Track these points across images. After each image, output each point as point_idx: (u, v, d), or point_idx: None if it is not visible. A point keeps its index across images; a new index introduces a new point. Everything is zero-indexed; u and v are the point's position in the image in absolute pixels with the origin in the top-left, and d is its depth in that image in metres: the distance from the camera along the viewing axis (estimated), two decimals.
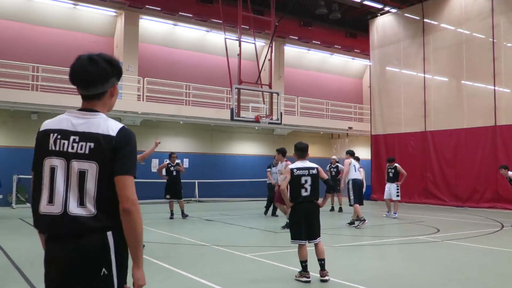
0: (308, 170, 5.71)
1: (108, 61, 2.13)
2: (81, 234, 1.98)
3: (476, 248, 8.24)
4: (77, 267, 1.97)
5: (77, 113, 2.11)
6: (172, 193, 12.74)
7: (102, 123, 2.07)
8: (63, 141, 2.05)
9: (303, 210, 5.64)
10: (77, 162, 2.02)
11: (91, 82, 2.09)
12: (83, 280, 1.98)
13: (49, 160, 2.07)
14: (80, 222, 1.98)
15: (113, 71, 2.15)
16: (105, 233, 2.02)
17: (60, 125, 2.09)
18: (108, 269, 2.01)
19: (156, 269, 6.14)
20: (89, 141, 2.03)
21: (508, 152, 16.27)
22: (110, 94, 2.19)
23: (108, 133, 2.05)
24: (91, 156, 2.01)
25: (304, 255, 5.53)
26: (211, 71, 21.19)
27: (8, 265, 6.31)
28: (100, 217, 2.00)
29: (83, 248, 1.98)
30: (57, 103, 15.93)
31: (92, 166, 2.01)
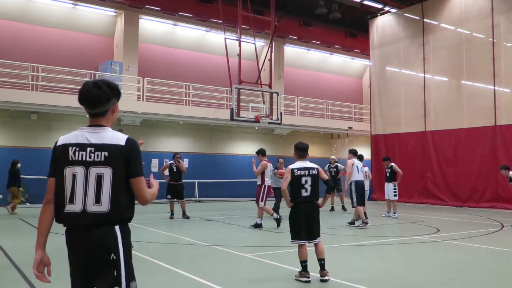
0: (309, 170, 5.71)
1: (108, 85, 2.60)
2: (95, 226, 2.45)
3: (476, 248, 8.24)
4: (92, 253, 2.44)
5: (88, 129, 2.61)
6: (173, 193, 12.73)
7: (110, 136, 2.55)
8: (81, 152, 2.50)
9: (303, 210, 5.64)
10: (95, 168, 2.47)
11: (96, 103, 2.58)
12: (96, 263, 2.45)
13: (70, 168, 2.49)
14: (95, 217, 2.45)
15: (113, 93, 2.62)
16: (113, 227, 2.49)
17: (77, 140, 2.55)
18: (116, 255, 2.47)
19: (156, 269, 6.14)
20: (103, 151, 2.49)
21: (508, 152, 16.27)
22: (111, 111, 2.67)
23: (118, 143, 2.52)
24: (106, 163, 2.48)
25: (304, 255, 5.54)
26: (211, 71, 21.19)
27: (8, 265, 6.31)
28: (112, 213, 2.47)
29: (96, 238, 2.44)
30: (56, 103, 15.93)
31: (107, 171, 2.47)
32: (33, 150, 16.89)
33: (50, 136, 17.30)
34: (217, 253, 7.47)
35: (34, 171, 16.13)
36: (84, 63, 18.33)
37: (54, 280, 5.51)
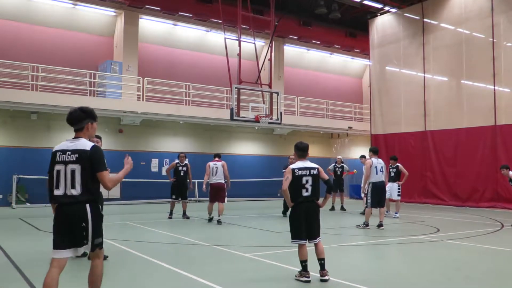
0: (309, 170, 5.70)
1: (82, 110, 4.00)
2: (73, 203, 3.80)
3: (476, 248, 8.24)
4: (70, 221, 3.79)
5: (71, 140, 3.95)
6: (178, 193, 12.72)
7: (81, 144, 3.89)
8: (63, 155, 3.86)
9: (304, 210, 5.64)
10: (70, 165, 3.83)
11: (73, 122, 3.98)
12: (73, 228, 3.79)
13: (57, 166, 3.87)
14: (72, 197, 3.80)
15: (86, 115, 3.99)
16: (85, 204, 3.82)
17: (61, 147, 3.91)
18: (86, 223, 3.80)
19: (156, 269, 6.14)
20: (75, 154, 3.84)
21: (508, 152, 16.27)
22: (86, 128, 4.01)
23: (85, 148, 3.85)
24: (76, 161, 3.82)
25: (304, 254, 5.53)
26: (210, 71, 21.18)
27: (8, 265, 6.31)
28: (83, 194, 3.81)
29: (74, 211, 3.80)
30: (56, 103, 15.93)
31: (78, 167, 3.82)
32: (33, 150, 16.89)
33: (50, 136, 17.30)
34: (217, 253, 7.47)
35: (34, 171, 16.13)
36: (84, 63, 18.32)
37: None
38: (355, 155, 23.79)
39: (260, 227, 11.10)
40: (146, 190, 18.16)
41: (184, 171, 12.84)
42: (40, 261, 6.38)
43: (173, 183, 12.75)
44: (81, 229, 3.78)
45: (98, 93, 17.74)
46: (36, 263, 6.37)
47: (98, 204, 3.94)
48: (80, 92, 17.09)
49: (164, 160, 18.84)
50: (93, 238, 3.85)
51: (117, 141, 18.61)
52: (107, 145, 18.44)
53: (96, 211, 3.88)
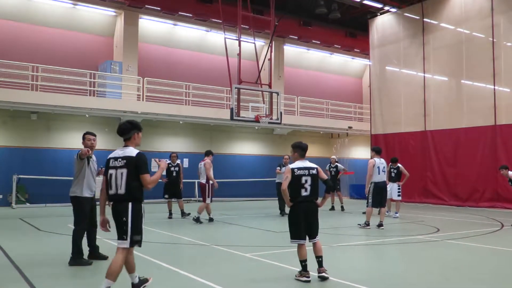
0: (308, 170, 5.71)
1: (129, 122, 4.77)
2: (120, 201, 4.55)
3: (475, 248, 8.25)
4: (118, 214, 4.55)
5: (121, 148, 4.70)
6: (171, 193, 12.78)
7: (129, 151, 4.61)
8: (115, 161, 4.60)
9: (303, 210, 5.65)
10: (120, 169, 4.54)
11: (122, 133, 4.74)
12: (118, 219, 4.54)
13: (110, 170, 4.60)
14: (120, 196, 4.55)
15: (132, 127, 4.73)
16: (128, 203, 4.53)
17: (114, 155, 4.67)
18: (126, 218, 4.50)
19: (156, 269, 6.15)
20: (124, 159, 4.56)
21: (508, 152, 16.27)
22: (133, 138, 4.75)
23: (131, 155, 4.57)
24: (124, 166, 4.53)
25: (303, 254, 5.54)
26: (210, 71, 21.18)
27: (8, 265, 6.31)
28: (127, 194, 4.52)
29: (119, 208, 4.56)
30: (56, 103, 15.94)
31: (125, 170, 4.52)
32: (33, 150, 16.89)
33: (50, 136, 17.31)
34: (217, 253, 7.47)
35: (34, 171, 16.15)
36: (84, 63, 18.32)
37: (54, 280, 5.54)
38: (355, 155, 23.85)
39: (260, 227, 11.10)
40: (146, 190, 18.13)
41: (176, 171, 12.88)
42: (40, 261, 6.39)
43: (165, 183, 12.79)
44: (122, 223, 4.48)
45: (98, 93, 17.74)
46: (36, 263, 6.38)
47: (141, 204, 4.59)
48: (80, 92, 17.09)
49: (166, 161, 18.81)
50: (132, 234, 4.48)
51: (117, 141, 18.50)
52: (107, 145, 18.46)
53: (136, 209, 4.53)
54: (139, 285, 4.85)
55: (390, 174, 13.36)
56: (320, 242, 5.71)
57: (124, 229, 4.47)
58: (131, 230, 4.47)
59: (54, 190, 15.73)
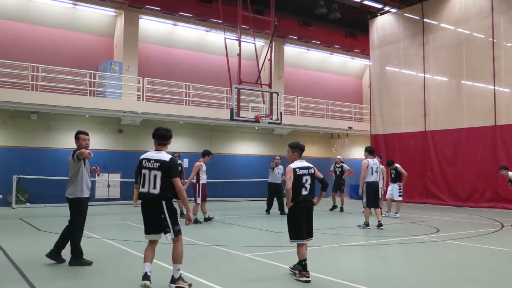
0: (308, 170, 5.79)
1: (169, 130, 5.29)
2: (153, 200, 5.01)
3: (476, 248, 8.24)
4: (153, 213, 5.04)
5: (154, 152, 5.18)
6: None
7: (163, 156, 5.11)
8: (148, 162, 5.07)
9: (304, 209, 5.71)
10: (153, 171, 5.01)
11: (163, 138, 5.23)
12: (155, 218, 5.03)
13: (143, 170, 5.06)
14: (153, 195, 5.00)
15: (170, 136, 5.27)
16: (162, 201, 5.01)
17: (147, 156, 5.13)
18: (164, 215, 5.02)
19: (156, 269, 6.14)
20: (157, 163, 5.03)
21: (508, 152, 16.27)
22: (168, 144, 5.28)
23: (165, 159, 5.05)
24: (158, 168, 5.01)
25: (303, 253, 5.56)
26: (211, 71, 21.18)
27: (8, 265, 6.31)
28: (161, 194, 4.98)
29: (154, 206, 5.02)
30: (56, 103, 15.93)
31: (158, 173, 5.00)
32: (33, 150, 16.89)
33: (50, 136, 17.31)
34: (217, 253, 7.47)
35: (34, 171, 16.15)
36: (84, 63, 18.32)
37: (54, 280, 5.53)
38: (355, 155, 23.83)
39: (260, 227, 11.11)
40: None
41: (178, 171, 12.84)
42: (40, 261, 6.38)
43: None
44: (161, 220, 5.05)
45: (98, 93, 17.74)
46: (36, 263, 6.37)
47: (172, 202, 5.12)
48: (80, 92, 17.09)
49: None
50: (172, 226, 5.12)
51: (117, 141, 18.61)
52: (107, 145, 18.49)
53: (170, 206, 5.09)
54: (175, 281, 5.15)
55: (390, 175, 13.39)
56: None
57: (165, 224, 5.03)
58: (170, 223, 5.05)
59: (54, 190, 15.72)
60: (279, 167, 14.35)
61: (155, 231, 5.11)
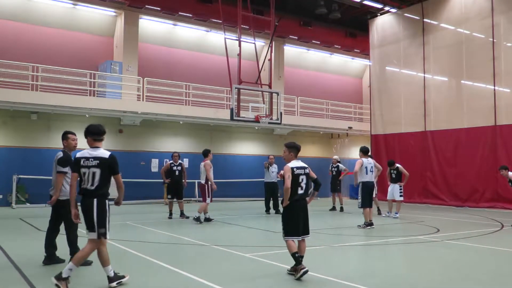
0: (303, 169, 5.94)
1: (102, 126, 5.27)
2: (88, 196, 5.02)
3: (476, 248, 8.24)
4: (86, 209, 5.02)
5: (91, 149, 5.12)
6: (173, 193, 12.78)
7: (102, 152, 5.09)
8: (86, 161, 5.02)
9: (300, 207, 5.88)
10: (92, 168, 5.00)
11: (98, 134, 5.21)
12: (87, 213, 5.02)
13: (82, 169, 5.02)
14: (89, 191, 5.02)
15: (104, 131, 5.25)
16: (93, 198, 5.01)
17: (84, 154, 5.07)
18: (92, 212, 4.99)
19: (156, 269, 6.15)
20: (96, 160, 5.01)
21: (508, 152, 16.27)
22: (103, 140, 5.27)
23: (105, 156, 5.06)
24: (97, 166, 5.01)
25: (294, 246, 5.72)
26: (211, 71, 21.17)
27: (8, 265, 6.31)
28: (95, 191, 5.01)
29: (87, 202, 5.02)
30: (57, 103, 15.93)
31: (97, 170, 5.01)
32: (33, 150, 16.89)
33: (50, 136, 17.30)
34: (217, 253, 7.47)
35: (34, 171, 16.13)
36: (84, 63, 18.32)
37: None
38: (355, 156, 23.82)
39: (260, 227, 11.11)
40: (146, 190, 18.16)
41: (178, 170, 12.89)
42: (40, 261, 6.38)
43: (168, 184, 12.82)
44: (90, 217, 5.03)
45: (98, 93, 17.74)
46: (36, 263, 6.37)
47: (105, 200, 5.06)
48: (80, 92, 17.09)
49: (164, 160, 18.78)
50: (98, 227, 5.01)
51: (117, 141, 18.61)
52: (107, 145, 18.46)
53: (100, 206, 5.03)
54: (114, 279, 5.08)
55: (391, 175, 13.39)
56: None
57: (91, 222, 4.98)
58: (97, 223, 4.97)
59: None
60: (274, 166, 14.38)
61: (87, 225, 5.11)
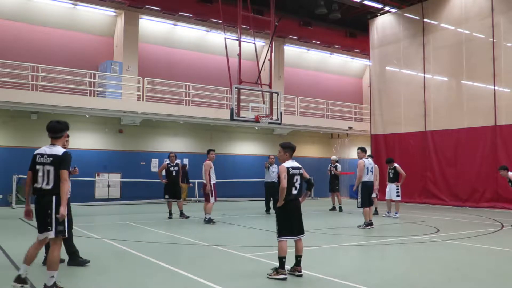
0: (298, 170, 5.94)
1: (61, 122, 5.17)
2: (45, 195, 4.88)
3: (476, 248, 8.24)
4: (43, 207, 4.88)
5: (48, 146, 5.05)
6: (171, 193, 12.80)
7: (56, 150, 4.99)
8: (41, 158, 4.96)
9: (294, 207, 5.86)
10: (46, 166, 4.92)
11: (55, 131, 5.09)
12: (43, 212, 4.88)
13: (37, 166, 4.95)
14: (45, 190, 4.89)
15: (64, 127, 5.16)
16: (52, 196, 4.87)
17: (40, 151, 5.03)
18: (50, 210, 4.85)
19: (155, 269, 6.15)
20: (50, 157, 4.93)
21: (508, 152, 16.27)
22: (63, 137, 5.21)
23: (58, 153, 4.95)
24: (51, 163, 4.91)
25: (285, 250, 5.68)
26: (211, 71, 21.17)
27: (8, 265, 6.31)
28: (52, 189, 4.87)
29: (45, 200, 4.87)
30: (56, 103, 15.93)
31: (51, 167, 4.90)
32: (33, 150, 16.27)
33: None
34: (217, 253, 7.47)
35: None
36: (84, 63, 18.32)
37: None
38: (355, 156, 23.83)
39: (260, 227, 11.11)
40: (146, 190, 18.16)
41: (176, 171, 12.91)
42: (40, 261, 6.37)
43: (165, 184, 12.83)
44: (47, 215, 4.86)
45: (98, 93, 17.74)
46: (36, 263, 6.35)
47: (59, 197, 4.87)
48: (80, 92, 17.08)
49: (164, 160, 18.81)
50: (56, 225, 4.89)
51: (117, 141, 18.61)
52: (107, 145, 18.49)
53: (58, 203, 4.87)
54: (22, 281, 4.94)
55: (388, 174, 13.39)
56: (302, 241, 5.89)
57: (49, 221, 4.85)
58: (55, 221, 4.85)
59: None
60: (274, 166, 14.39)
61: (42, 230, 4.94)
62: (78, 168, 7.00)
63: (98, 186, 18.00)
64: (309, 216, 13.69)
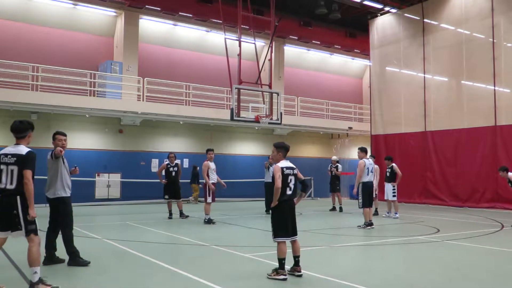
0: (292, 170, 5.91)
1: (26, 122, 5.29)
2: (9, 196, 4.87)
3: (476, 248, 8.24)
4: (7, 208, 4.84)
5: (12, 146, 5.09)
6: (171, 193, 12.80)
7: (20, 149, 5.03)
8: (5, 157, 4.98)
9: (289, 208, 5.83)
10: (10, 166, 4.93)
11: (18, 131, 5.21)
12: (8, 212, 4.85)
13: (1, 166, 4.96)
14: (9, 191, 4.88)
15: (29, 127, 5.29)
16: (17, 196, 4.87)
17: (4, 151, 5.04)
18: (16, 211, 4.84)
19: (155, 269, 6.15)
20: (14, 157, 4.96)
21: (508, 152, 16.27)
22: (27, 137, 5.29)
23: (21, 153, 4.98)
24: (15, 163, 4.93)
25: (284, 251, 5.67)
26: (211, 71, 21.18)
27: (8, 265, 6.31)
28: (16, 189, 4.87)
29: (9, 201, 4.86)
30: (56, 103, 15.93)
31: (15, 167, 4.92)
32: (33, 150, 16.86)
33: (50, 136, 17.19)
34: (217, 253, 7.47)
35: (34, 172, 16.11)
36: (84, 63, 18.32)
37: (54, 280, 5.51)
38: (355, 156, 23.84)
39: (260, 227, 11.09)
40: (146, 190, 18.15)
41: (175, 171, 12.93)
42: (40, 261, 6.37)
43: (165, 184, 12.84)
44: (14, 215, 4.85)
45: (98, 93, 17.74)
46: None
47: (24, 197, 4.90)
48: (80, 92, 17.08)
49: (164, 160, 18.82)
50: (25, 225, 4.88)
51: (117, 141, 18.60)
52: (107, 145, 18.49)
53: (23, 203, 4.90)
54: (36, 286, 4.84)
55: (385, 173, 13.37)
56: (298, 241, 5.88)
57: (17, 220, 4.82)
58: (24, 220, 4.82)
59: None
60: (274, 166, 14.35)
61: (3, 228, 4.87)
62: (79, 168, 7.00)
63: (98, 186, 17.99)
64: (309, 216, 13.70)
